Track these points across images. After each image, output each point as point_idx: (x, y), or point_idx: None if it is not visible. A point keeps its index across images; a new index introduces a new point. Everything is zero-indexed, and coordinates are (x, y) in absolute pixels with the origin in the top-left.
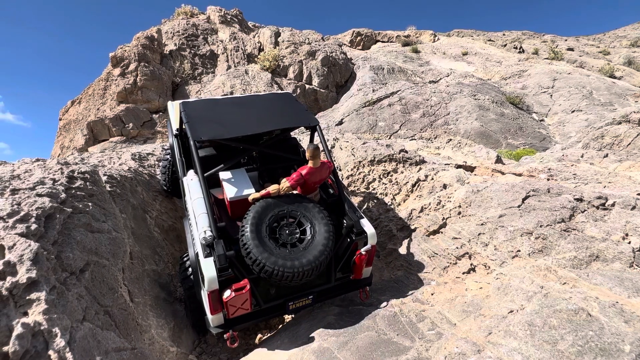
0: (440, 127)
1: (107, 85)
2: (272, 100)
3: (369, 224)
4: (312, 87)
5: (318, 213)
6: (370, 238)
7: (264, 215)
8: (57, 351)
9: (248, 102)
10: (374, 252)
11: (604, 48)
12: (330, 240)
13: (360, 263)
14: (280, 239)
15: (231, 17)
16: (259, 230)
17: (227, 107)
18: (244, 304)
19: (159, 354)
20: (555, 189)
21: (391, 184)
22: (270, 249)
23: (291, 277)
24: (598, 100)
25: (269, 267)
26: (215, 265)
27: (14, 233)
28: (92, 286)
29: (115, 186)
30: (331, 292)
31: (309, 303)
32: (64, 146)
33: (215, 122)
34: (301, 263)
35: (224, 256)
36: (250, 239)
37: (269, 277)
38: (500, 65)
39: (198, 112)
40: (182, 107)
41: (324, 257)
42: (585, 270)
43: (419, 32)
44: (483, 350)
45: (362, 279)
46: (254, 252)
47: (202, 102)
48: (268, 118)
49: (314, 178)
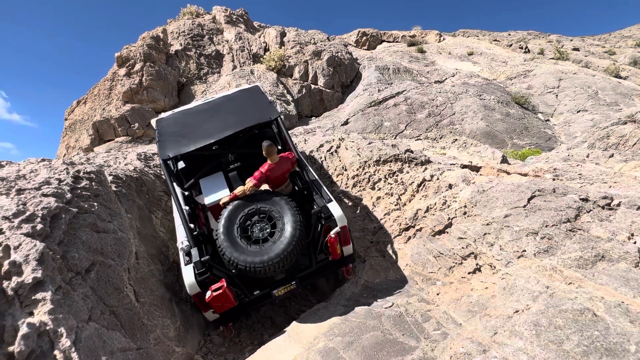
0: (445, 127)
1: (113, 85)
2: (238, 99)
3: (337, 207)
4: (318, 87)
5: (285, 205)
6: (339, 220)
7: (234, 217)
8: (63, 351)
9: (216, 106)
10: (347, 232)
11: (609, 48)
12: (296, 230)
13: (334, 244)
14: (252, 236)
15: (237, 17)
16: (231, 232)
17: (196, 117)
18: (227, 301)
19: (164, 354)
20: (561, 189)
21: (397, 184)
22: (242, 248)
23: (262, 271)
24: (604, 100)
25: (242, 265)
26: (194, 271)
27: (19, 233)
28: (97, 286)
29: (121, 186)
30: (314, 274)
31: (293, 288)
32: (70, 146)
33: (183, 135)
34: (270, 257)
35: (199, 262)
36: (223, 241)
37: (244, 273)
38: (506, 65)
39: (170, 127)
40: (156, 125)
41: (292, 247)
42: (591, 270)
43: (425, 32)
44: (489, 350)
45: (343, 258)
46: (227, 253)
47: (174, 116)
48: (232, 120)
49: (276, 173)
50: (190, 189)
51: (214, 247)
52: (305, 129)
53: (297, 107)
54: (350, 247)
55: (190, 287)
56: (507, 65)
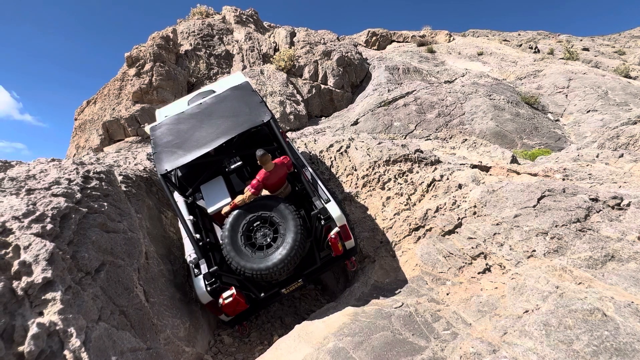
0: (455, 127)
1: (123, 85)
2: (229, 99)
3: (335, 206)
4: (328, 87)
5: (285, 209)
6: (337, 220)
7: (237, 225)
8: (73, 351)
9: (208, 108)
10: (347, 229)
11: (619, 48)
12: (298, 235)
13: (335, 243)
14: (256, 243)
15: (246, 17)
16: (235, 241)
17: (189, 122)
18: (238, 305)
19: (174, 354)
20: (571, 189)
21: (406, 184)
22: (247, 256)
23: (268, 276)
24: (613, 100)
25: (248, 272)
26: (204, 282)
27: (29, 233)
28: (107, 286)
29: (131, 186)
30: (319, 270)
31: (301, 285)
32: (80, 146)
33: (178, 146)
34: (274, 263)
35: (208, 274)
36: (228, 250)
37: (251, 279)
38: (516, 65)
39: (165, 137)
40: (151, 134)
41: (294, 252)
42: (601, 270)
43: (435, 32)
44: (498, 350)
45: (346, 252)
46: (234, 262)
47: (167, 124)
48: (225, 125)
49: (272, 179)
50: (193, 195)
51: (222, 254)
52: (315, 129)
53: (307, 107)
54: (352, 241)
55: (202, 297)
56: (516, 65)
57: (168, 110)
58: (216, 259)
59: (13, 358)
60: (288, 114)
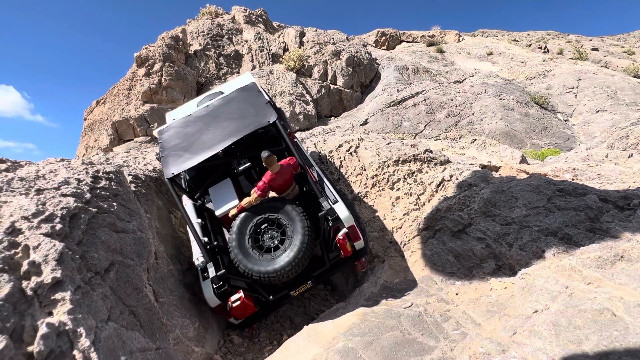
0: (464, 127)
1: (132, 85)
2: (235, 100)
3: (343, 207)
4: (337, 87)
5: (293, 211)
6: (345, 221)
7: (244, 228)
8: (82, 351)
9: (215, 110)
10: (355, 230)
11: (628, 48)
12: (305, 237)
13: (343, 245)
14: (264, 245)
15: (256, 17)
16: (242, 244)
17: (196, 125)
18: (247, 308)
19: (183, 354)
20: (580, 189)
21: (416, 183)
22: (255, 259)
23: (275, 279)
24: (623, 100)
25: (256, 275)
26: (212, 286)
27: (38, 233)
28: (117, 286)
29: (140, 186)
30: (328, 272)
31: (310, 287)
32: (89, 146)
33: (185, 149)
34: (282, 266)
35: (216, 277)
36: (236, 254)
37: (259, 282)
38: (525, 65)
39: (172, 140)
40: (159, 137)
41: (302, 254)
42: (610, 270)
43: (444, 32)
44: (508, 350)
45: (355, 252)
46: (241, 265)
47: (174, 126)
48: (231, 127)
49: (279, 181)
50: (202, 198)
51: (230, 257)
52: (325, 128)
53: (317, 107)
54: (362, 242)
55: (210, 301)
56: (526, 65)
57: (177, 113)
58: (225, 262)
59: (22, 358)
60: (297, 114)
